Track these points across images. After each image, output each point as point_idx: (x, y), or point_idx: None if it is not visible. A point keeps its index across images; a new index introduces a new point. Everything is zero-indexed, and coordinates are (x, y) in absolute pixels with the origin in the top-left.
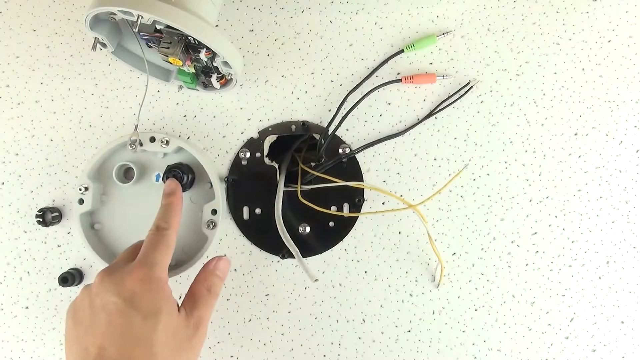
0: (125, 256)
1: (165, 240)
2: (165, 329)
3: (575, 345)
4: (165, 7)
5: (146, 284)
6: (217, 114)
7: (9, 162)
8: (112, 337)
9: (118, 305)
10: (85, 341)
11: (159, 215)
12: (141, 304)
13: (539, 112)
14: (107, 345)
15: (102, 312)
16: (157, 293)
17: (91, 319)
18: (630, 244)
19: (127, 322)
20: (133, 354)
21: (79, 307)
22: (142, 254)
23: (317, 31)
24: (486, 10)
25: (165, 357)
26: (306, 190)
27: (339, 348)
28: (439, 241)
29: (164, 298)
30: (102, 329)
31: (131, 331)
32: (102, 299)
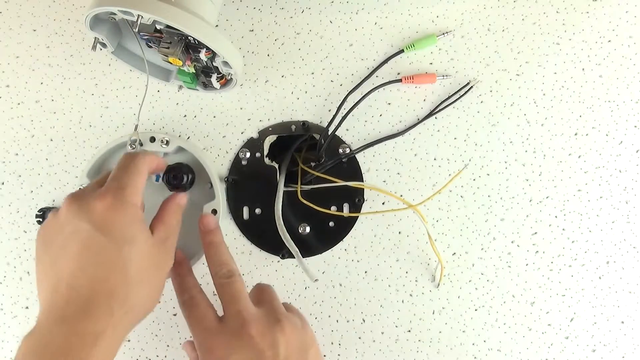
0: (95, 183)
1: (135, 164)
2: (139, 255)
3: (575, 345)
4: (165, 7)
5: (118, 209)
6: (217, 114)
7: (9, 162)
8: (85, 265)
9: (90, 232)
10: (57, 268)
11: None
12: (114, 230)
13: (539, 112)
14: (79, 273)
15: (73, 239)
16: (130, 218)
17: (62, 245)
18: (630, 244)
19: (100, 249)
20: (108, 280)
21: (48, 232)
22: (112, 178)
23: (317, 31)
24: (486, 10)
25: (140, 281)
26: (306, 190)
27: (339, 348)
28: (439, 241)
29: (136, 223)
30: (74, 255)
31: (105, 258)
32: (72, 226)
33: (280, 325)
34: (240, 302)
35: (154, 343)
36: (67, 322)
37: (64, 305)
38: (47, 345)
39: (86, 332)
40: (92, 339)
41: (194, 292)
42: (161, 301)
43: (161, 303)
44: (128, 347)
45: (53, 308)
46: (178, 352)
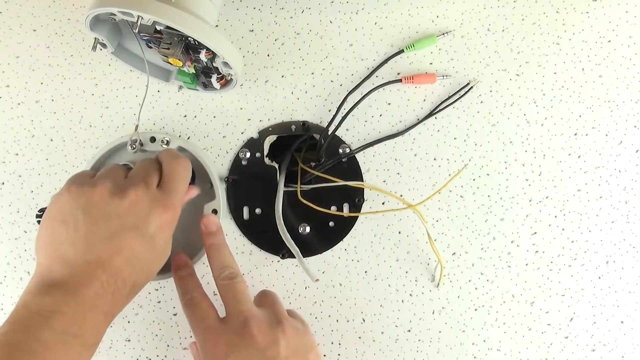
0: (155, 180)
1: (185, 175)
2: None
3: (574, 345)
4: (165, 8)
5: (170, 225)
6: (217, 114)
7: (9, 162)
8: (131, 263)
9: (140, 234)
10: (99, 247)
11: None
12: (158, 239)
13: (539, 112)
14: (125, 267)
15: (130, 233)
16: (171, 232)
17: (116, 231)
18: (629, 244)
19: (144, 250)
20: (133, 274)
21: (98, 208)
22: (167, 187)
23: (317, 31)
24: (486, 10)
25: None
26: (306, 190)
27: (339, 348)
28: (438, 241)
29: (171, 235)
30: (124, 250)
31: (143, 260)
32: (128, 220)
33: (282, 326)
34: (242, 302)
35: (154, 343)
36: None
37: (97, 285)
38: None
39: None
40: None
41: (196, 293)
42: (161, 301)
43: (161, 303)
44: (128, 347)
45: (84, 283)
46: (178, 352)
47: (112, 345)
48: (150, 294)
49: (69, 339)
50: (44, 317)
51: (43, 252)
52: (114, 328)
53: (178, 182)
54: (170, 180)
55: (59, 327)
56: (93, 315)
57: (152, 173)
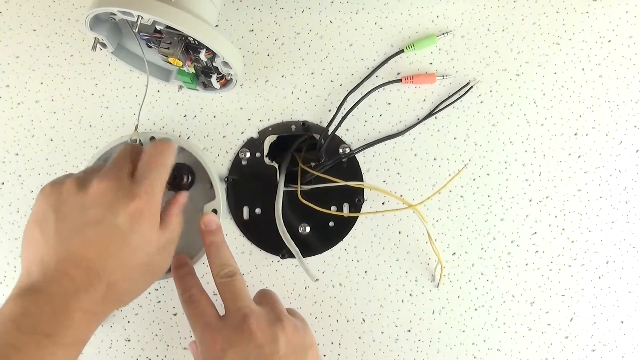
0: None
1: (164, 162)
2: (147, 258)
3: (574, 345)
4: (165, 8)
5: (146, 216)
6: (217, 114)
7: (9, 162)
8: (100, 253)
9: (115, 227)
10: (69, 244)
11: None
12: (138, 233)
13: (539, 112)
14: (94, 259)
15: (95, 226)
16: (152, 224)
17: (80, 225)
18: (629, 244)
19: (119, 246)
20: (113, 273)
21: (66, 203)
22: (144, 175)
23: (317, 31)
24: (486, 10)
25: (136, 280)
26: (306, 190)
27: (339, 348)
28: (438, 241)
29: (155, 229)
30: (91, 242)
31: (120, 255)
32: (99, 213)
33: (282, 323)
34: (241, 299)
35: (154, 343)
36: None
37: (68, 281)
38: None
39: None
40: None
41: (195, 290)
42: (161, 301)
43: (161, 303)
44: (128, 347)
45: (55, 280)
46: (178, 352)
47: (112, 345)
48: (150, 294)
49: (40, 339)
50: (14, 321)
51: (24, 255)
52: (114, 328)
53: (152, 169)
54: (143, 168)
55: (27, 329)
56: (67, 313)
57: (124, 163)
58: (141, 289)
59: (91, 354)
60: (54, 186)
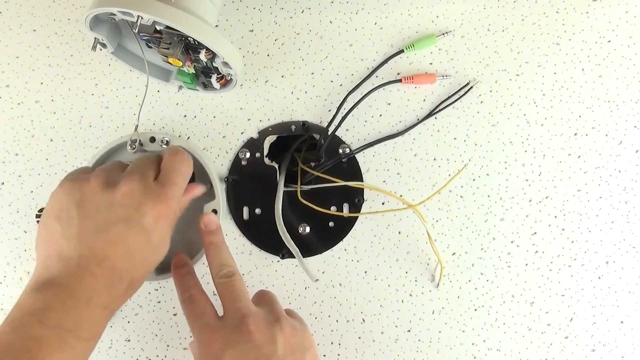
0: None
1: (185, 172)
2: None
3: (574, 345)
4: (165, 8)
5: (166, 218)
6: (217, 114)
7: (9, 162)
8: (122, 250)
9: (138, 226)
10: (91, 241)
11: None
12: (157, 233)
13: (539, 112)
14: (115, 255)
15: (120, 224)
16: (170, 227)
17: (105, 223)
18: (629, 244)
19: (140, 245)
20: (135, 270)
21: (90, 201)
22: (171, 182)
23: (317, 31)
24: (486, 10)
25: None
26: (306, 190)
27: (339, 348)
28: (438, 241)
29: (170, 230)
30: (114, 238)
31: (140, 253)
32: (126, 212)
33: (280, 324)
34: (240, 300)
35: (154, 343)
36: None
37: (91, 278)
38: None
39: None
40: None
41: (194, 290)
42: (161, 301)
43: (161, 303)
44: (128, 347)
45: (77, 277)
46: (178, 352)
47: (112, 345)
48: (150, 294)
49: (62, 333)
50: (35, 315)
51: (40, 249)
52: (114, 328)
53: (175, 176)
54: (168, 173)
55: (50, 323)
56: (89, 309)
57: (149, 167)
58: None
59: (91, 353)
60: (75, 182)
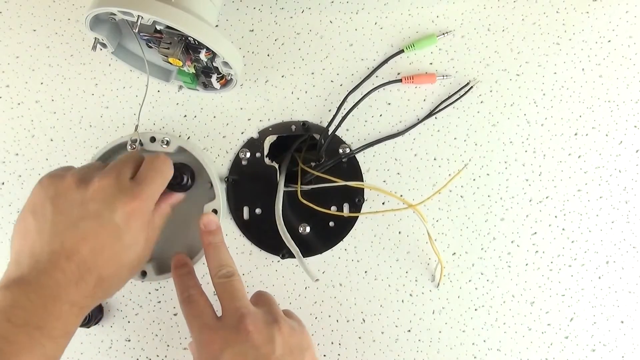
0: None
1: (164, 172)
2: (136, 258)
3: (575, 345)
4: (165, 8)
5: (140, 215)
6: (217, 114)
7: (9, 162)
8: (94, 247)
9: (111, 223)
10: (63, 237)
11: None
12: (130, 231)
13: (539, 112)
14: (86, 252)
15: (92, 220)
16: (144, 225)
17: (77, 219)
18: (630, 244)
19: (113, 242)
20: (105, 267)
21: (64, 197)
22: (146, 180)
23: (317, 31)
24: (486, 10)
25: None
26: (306, 190)
27: (339, 348)
28: (439, 241)
29: (145, 229)
30: (86, 235)
31: (112, 250)
32: (97, 208)
33: (278, 324)
34: (238, 299)
35: (154, 343)
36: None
37: (60, 274)
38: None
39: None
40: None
41: (194, 290)
42: (161, 301)
43: (161, 303)
44: (128, 347)
45: (46, 273)
46: (178, 352)
47: (112, 345)
48: (150, 294)
49: (31, 331)
50: (4, 312)
51: (15, 245)
52: (114, 328)
53: (152, 174)
54: (144, 172)
55: (18, 321)
56: (57, 306)
57: (126, 165)
58: (123, 284)
59: (91, 353)
60: (52, 178)
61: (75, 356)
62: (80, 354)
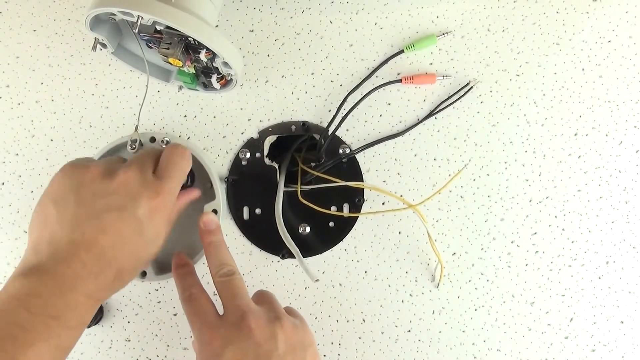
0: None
1: (184, 166)
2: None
3: (574, 345)
4: (165, 8)
5: (162, 211)
6: (217, 114)
7: (9, 162)
8: (115, 240)
9: (132, 216)
10: (85, 227)
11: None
12: (151, 226)
13: (539, 112)
14: (107, 244)
15: (114, 212)
16: (165, 221)
17: (100, 210)
18: (629, 244)
19: (133, 235)
20: (126, 261)
21: (88, 188)
22: (167, 175)
23: (317, 31)
24: (486, 10)
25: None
26: (306, 191)
27: (339, 348)
28: (439, 241)
29: (166, 225)
30: (107, 227)
31: (132, 243)
32: (121, 201)
33: (280, 322)
34: (240, 298)
35: (154, 343)
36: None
37: (79, 265)
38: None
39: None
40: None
41: (195, 289)
42: (161, 301)
43: (161, 303)
44: (128, 347)
45: (65, 263)
46: (178, 352)
47: (112, 345)
48: (150, 294)
49: (47, 320)
50: (21, 300)
51: (33, 232)
52: (114, 328)
53: (173, 169)
54: (165, 167)
55: (36, 310)
56: (74, 296)
57: (148, 160)
58: (135, 278)
59: (91, 353)
60: (76, 168)
61: (75, 356)
62: (81, 354)
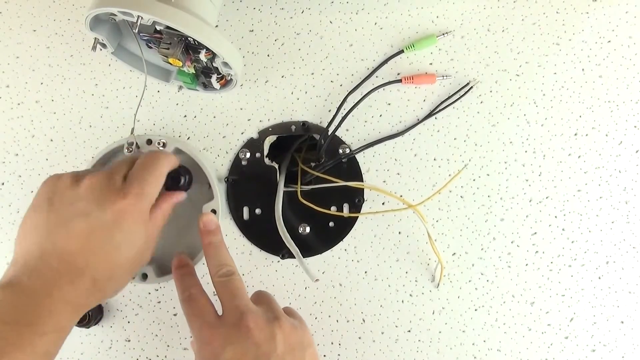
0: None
1: (159, 168)
2: (132, 257)
3: (575, 345)
4: (165, 8)
5: (133, 215)
6: (217, 115)
7: (9, 162)
8: (85, 247)
9: (102, 222)
10: (55, 237)
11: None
12: (123, 230)
13: (539, 113)
14: (77, 253)
15: (83, 220)
16: (139, 223)
17: (68, 219)
18: (629, 244)
19: (105, 241)
20: (98, 268)
21: (58, 196)
22: (136, 178)
23: (317, 31)
24: (486, 10)
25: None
26: (306, 191)
27: (339, 348)
28: (439, 241)
29: (142, 229)
30: (77, 235)
31: (105, 250)
32: (88, 208)
33: (279, 322)
34: (239, 298)
35: (154, 343)
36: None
37: (50, 272)
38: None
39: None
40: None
41: (194, 290)
42: (161, 301)
43: (161, 303)
44: (128, 347)
45: (36, 272)
46: (178, 352)
47: (112, 345)
48: (150, 294)
49: (20, 328)
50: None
51: (16, 242)
52: (114, 328)
53: (145, 172)
54: (137, 170)
55: (7, 319)
56: (49, 302)
57: (121, 166)
58: (125, 284)
59: (91, 353)
60: (52, 178)
61: (75, 356)
62: (81, 354)
